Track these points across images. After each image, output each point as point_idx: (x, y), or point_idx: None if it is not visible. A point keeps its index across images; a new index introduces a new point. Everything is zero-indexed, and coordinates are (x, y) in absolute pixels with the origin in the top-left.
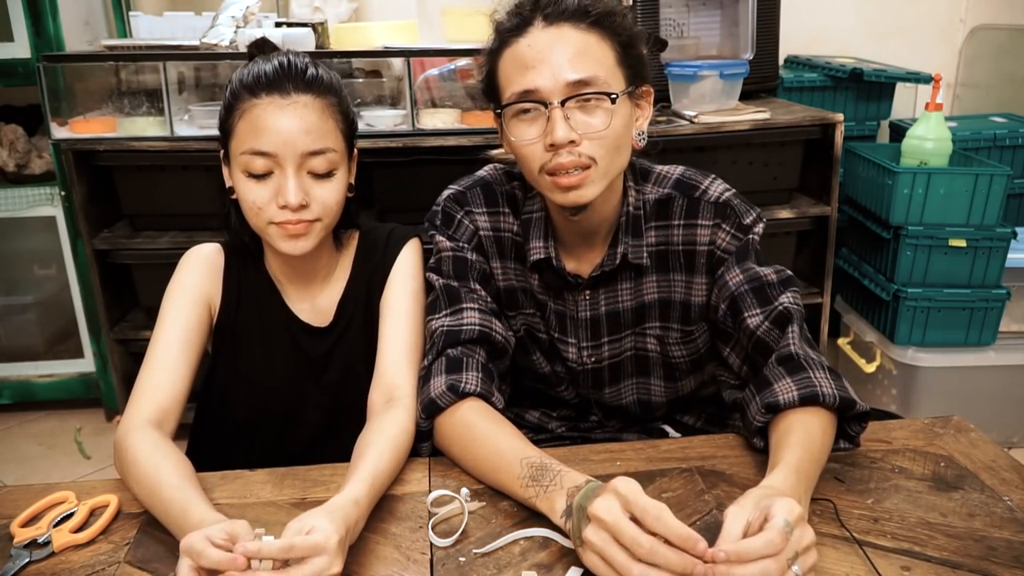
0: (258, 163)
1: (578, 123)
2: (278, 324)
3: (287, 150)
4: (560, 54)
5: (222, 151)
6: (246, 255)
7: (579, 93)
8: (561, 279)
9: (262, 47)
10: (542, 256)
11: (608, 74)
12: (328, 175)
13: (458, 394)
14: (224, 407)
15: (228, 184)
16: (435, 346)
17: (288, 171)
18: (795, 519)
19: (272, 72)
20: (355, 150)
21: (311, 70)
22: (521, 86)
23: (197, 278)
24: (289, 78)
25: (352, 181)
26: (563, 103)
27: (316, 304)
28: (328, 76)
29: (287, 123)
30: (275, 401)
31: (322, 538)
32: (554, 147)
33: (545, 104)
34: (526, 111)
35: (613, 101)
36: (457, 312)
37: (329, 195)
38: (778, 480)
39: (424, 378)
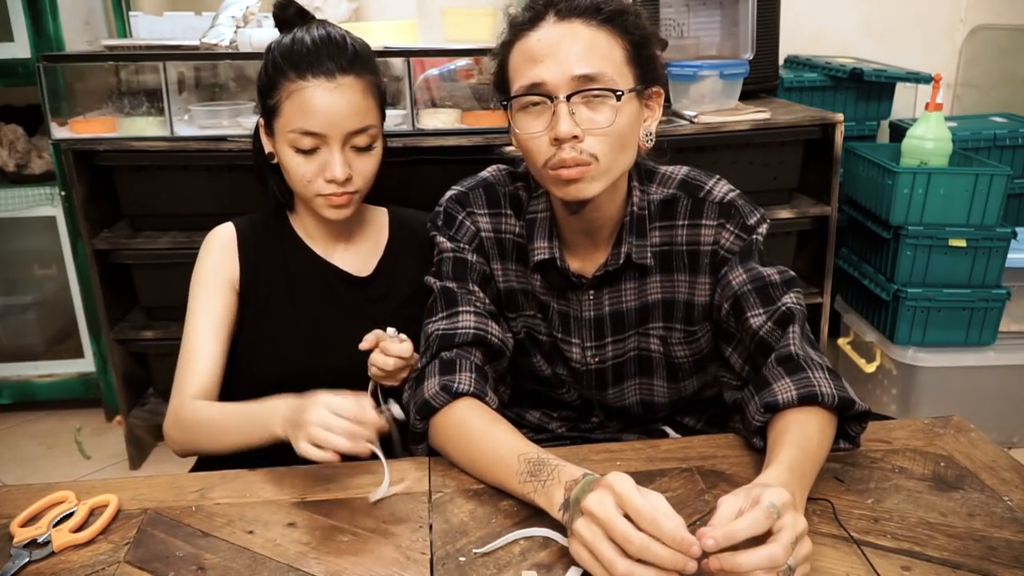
0: (306, 141)
1: (582, 119)
2: (311, 274)
3: (334, 130)
4: (568, 49)
5: (263, 120)
6: (267, 222)
7: (585, 88)
8: (565, 279)
9: (287, 7)
10: (546, 256)
11: (615, 71)
12: (369, 148)
13: (451, 394)
14: (251, 365)
15: (268, 150)
16: (429, 349)
17: (334, 148)
18: (783, 504)
19: (317, 53)
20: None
21: (351, 48)
22: (528, 79)
23: (214, 263)
24: (334, 60)
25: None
26: (569, 98)
27: (348, 256)
28: (365, 51)
29: (335, 105)
30: (302, 351)
31: (409, 345)
32: (557, 141)
33: (551, 98)
34: (533, 104)
35: (618, 98)
36: (453, 315)
37: (369, 167)
38: (771, 477)
39: (417, 380)
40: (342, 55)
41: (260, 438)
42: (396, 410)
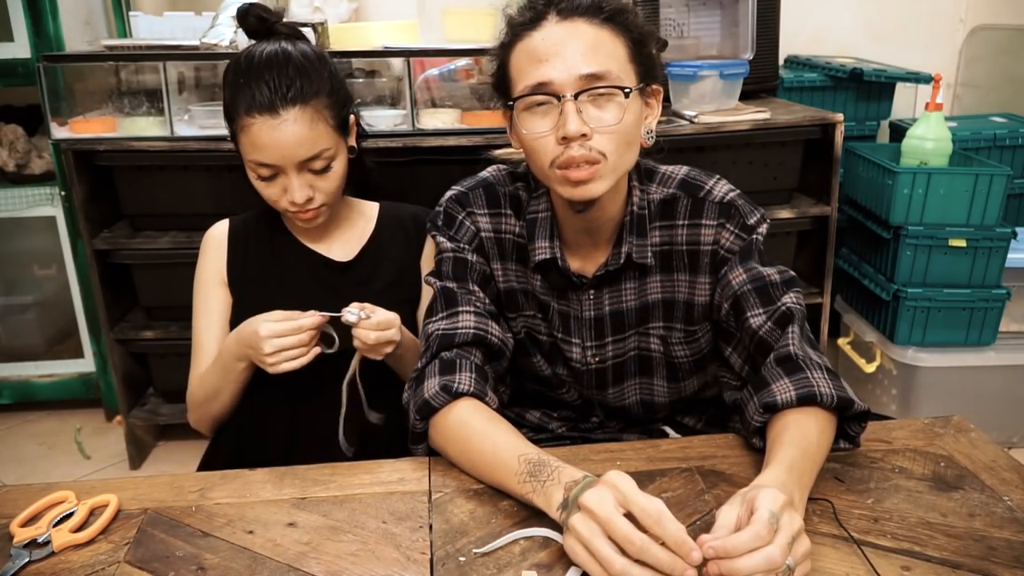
0: (263, 171)
1: (590, 117)
2: (296, 262)
3: (286, 161)
4: (574, 48)
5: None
6: (260, 217)
7: (592, 87)
8: (565, 279)
9: (246, 16)
10: (547, 256)
11: (620, 69)
12: (326, 169)
13: (452, 394)
14: None
15: None
16: (429, 349)
17: (291, 175)
18: (779, 507)
19: (259, 86)
20: (351, 118)
21: (294, 73)
22: (534, 79)
23: (207, 261)
24: (276, 91)
25: (353, 144)
26: (576, 96)
27: (333, 245)
28: (312, 71)
29: (281, 141)
30: None
31: (393, 315)
32: (566, 140)
33: (558, 97)
34: (539, 104)
35: (626, 95)
36: (453, 315)
37: (330, 184)
38: (768, 478)
39: (417, 380)
40: (283, 85)
41: (237, 374)
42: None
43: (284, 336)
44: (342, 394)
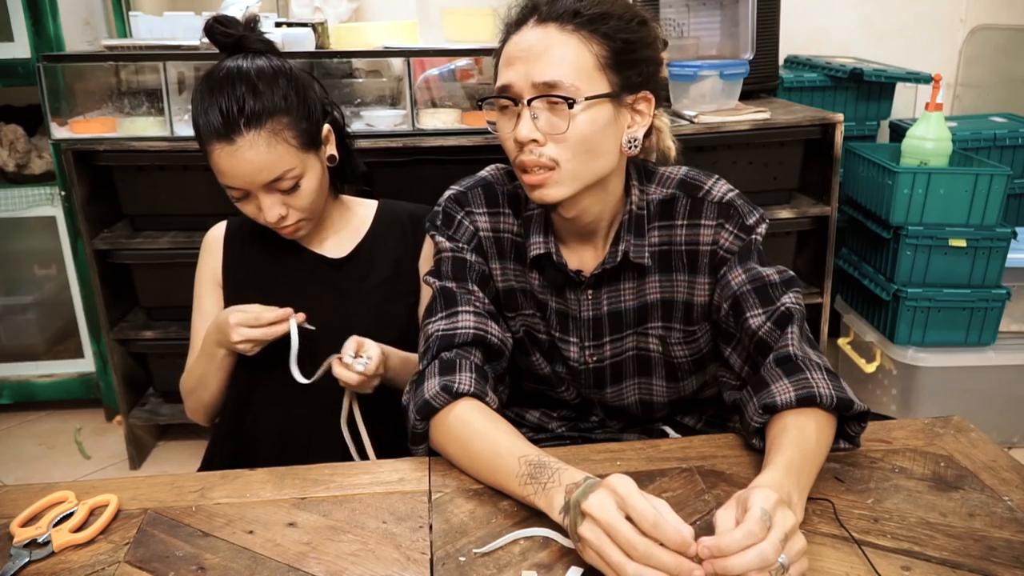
0: (234, 192)
1: (544, 123)
2: (291, 259)
3: (249, 185)
4: (536, 54)
5: None
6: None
7: (544, 94)
8: (563, 276)
9: (212, 34)
10: (542, 251)
11: (580, 78)
12: (294, 188)
13: (452, 394)
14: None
15: None
16: (429, 350)
17: (260, 196)
18: (772, 505)
19: (215, 112)
20: (325, 130)
21: (245, 103)
22: (500, 81)
23: (204, 263)
24: (229, 116)
25: (333, 152)
26: (530, 102)
27: (328, 242)
28: (266, 91)
29: (240, 167)
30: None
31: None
32: (519, 144)
33: (516, 101)
34: (503, 106)
35: (570, 106)
36: (452, 315)
37: (302, 201)
38: (766, 479)
39: (417, 380)
40: (234, 108)
41: (219, 361)
42: (293, 325)
43: (251, 327)
44: (343, 434)
